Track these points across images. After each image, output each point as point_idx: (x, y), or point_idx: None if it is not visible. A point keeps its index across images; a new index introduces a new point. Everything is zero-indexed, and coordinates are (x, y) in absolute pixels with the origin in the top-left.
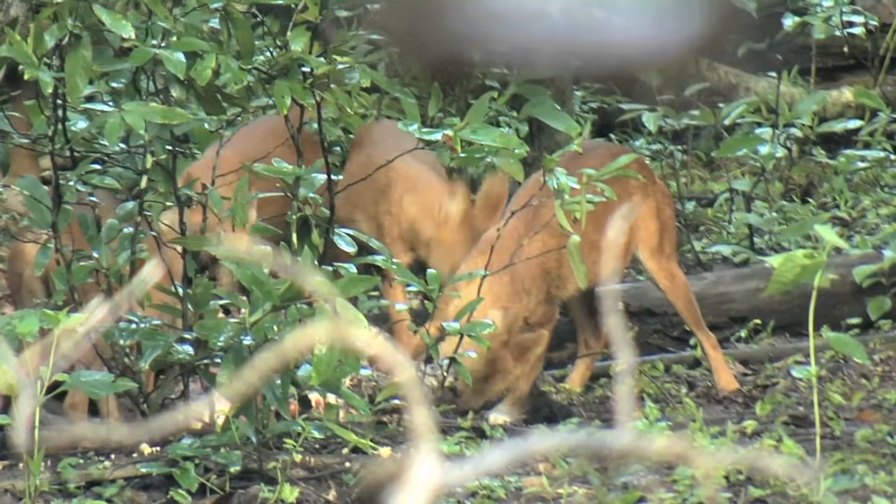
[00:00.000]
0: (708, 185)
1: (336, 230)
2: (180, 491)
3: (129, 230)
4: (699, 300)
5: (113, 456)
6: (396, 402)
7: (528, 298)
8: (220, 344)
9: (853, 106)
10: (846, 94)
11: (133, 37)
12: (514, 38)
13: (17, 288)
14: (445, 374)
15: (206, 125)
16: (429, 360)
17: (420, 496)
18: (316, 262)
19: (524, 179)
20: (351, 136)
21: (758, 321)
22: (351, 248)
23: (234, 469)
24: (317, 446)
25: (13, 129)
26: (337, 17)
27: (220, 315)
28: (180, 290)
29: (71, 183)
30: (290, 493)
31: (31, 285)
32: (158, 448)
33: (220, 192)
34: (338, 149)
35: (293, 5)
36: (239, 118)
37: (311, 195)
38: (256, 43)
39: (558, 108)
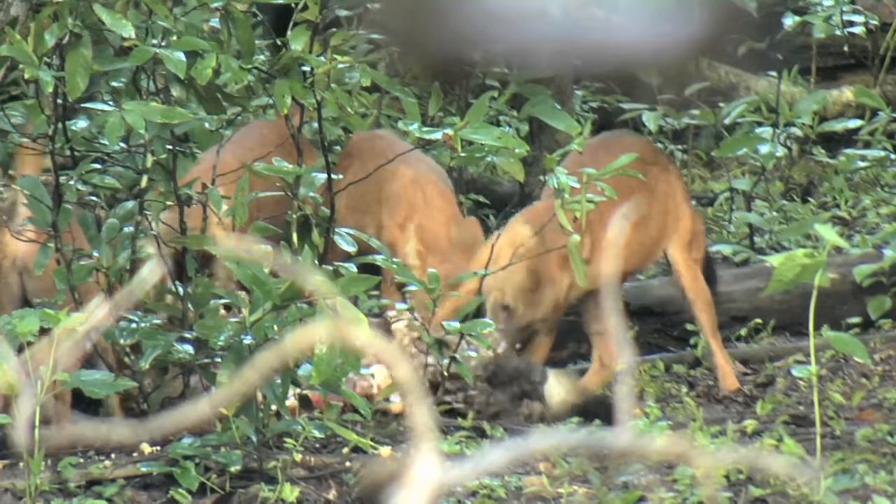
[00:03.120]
0: (708, 184)
1: (336, 230)
2: (180, 490)
3: (129, 230)
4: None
5: (113, 455)
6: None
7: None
8: (220, 343)
9: (853, 105)
10: (846, 93)
11: (133, 36)
12: (514, 38)
13: None
14: (446, 373)
15: (207, 125)
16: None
17: (420, 496)
18: (316, 262)
19: (524, 179)
20: (351, 135)
21: (758, 320)
22: (351, 248)
23: (234, 468)
24: (317, 446)
25: (13, 128)
26: (337, 16)
27: (222, 312)
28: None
29: (71, 183)
30: (290, 492)
31: (7, 276)
32: (159, 447)
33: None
34: (338, 148)
35: (293, 5)
36: (239, 118)
37: (312, 195)
38: (256, 43)
39: (558, 107)
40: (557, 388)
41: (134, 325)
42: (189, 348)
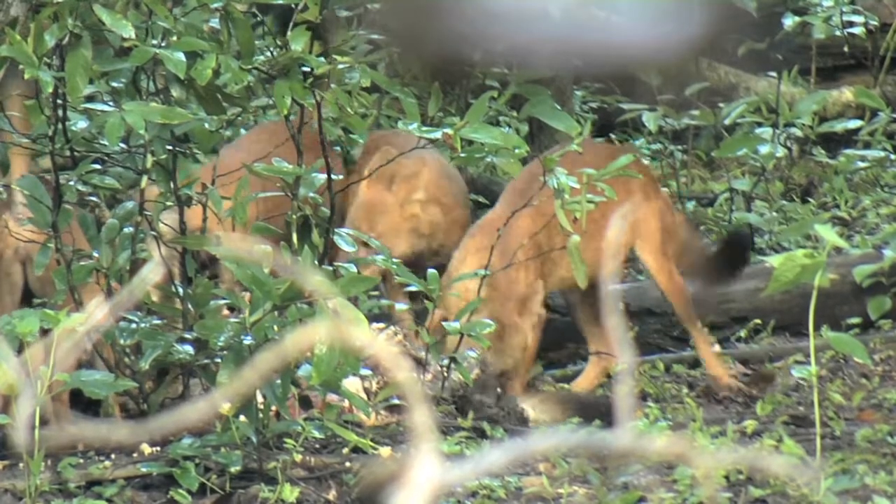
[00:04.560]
0: (708, 184)
1: (336, 230)
2: (180, 491)
3: (129, 230)
4: (699, 300)
5: (113, 456)
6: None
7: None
8: (220, 344)
9: (853, 106)
10: (846, 93)
11: (133, 36)
12: (514, 38)
13: None
14: (446, 374)
15: (207, 125)
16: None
17: (420, 496)
18: (316, 262)
19: None
20: (351, 135)
21: (758, 321)
22: (351, 248)
23: (234, 469)
24: (317, 446)
25: (13, 128)
26: (337, 16)
27: (225, 312)
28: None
29: (71, 183)
30: (290, 492)
31: (8, 267)
32: (159, 448)
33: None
34: (337, 149)
35: (293, 5)
36: (239, 118)
37: (312, 195)
38: (256, 43)
39: (558, 108)
40: (541, 415)
41: (134, 326)
42: (189, 349)
